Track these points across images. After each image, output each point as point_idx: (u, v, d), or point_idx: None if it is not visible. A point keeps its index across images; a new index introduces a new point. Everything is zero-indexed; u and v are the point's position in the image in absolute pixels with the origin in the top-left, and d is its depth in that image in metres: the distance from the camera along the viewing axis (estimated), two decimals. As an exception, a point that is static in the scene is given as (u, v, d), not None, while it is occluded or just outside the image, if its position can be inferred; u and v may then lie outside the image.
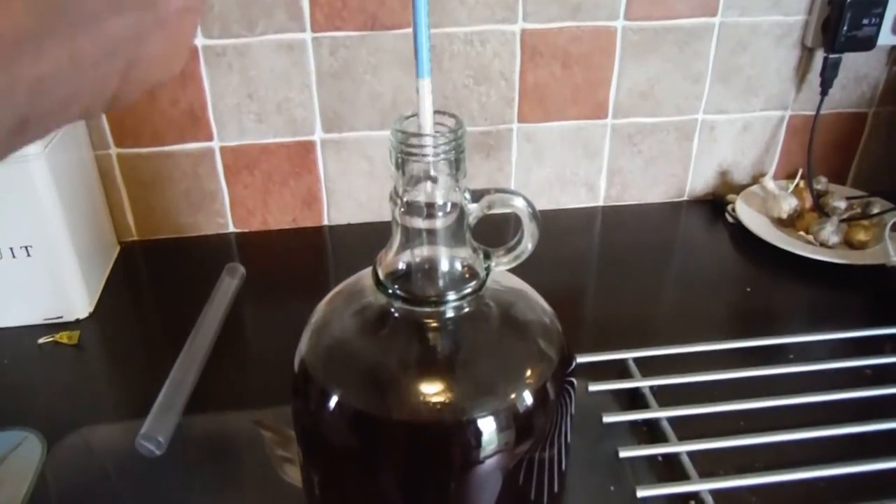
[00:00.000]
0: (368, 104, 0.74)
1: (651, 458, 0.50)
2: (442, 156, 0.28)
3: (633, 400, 0.55)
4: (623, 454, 0.49)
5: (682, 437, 0.50)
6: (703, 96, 0.79)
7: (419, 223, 0.30)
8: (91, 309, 0.66)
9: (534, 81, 0.75)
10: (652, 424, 0.52)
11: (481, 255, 0.32)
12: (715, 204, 0.84)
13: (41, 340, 0.62)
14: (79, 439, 0.52)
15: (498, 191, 0.31)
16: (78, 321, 0.65)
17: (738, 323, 0.67)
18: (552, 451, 0.33)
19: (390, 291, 0.31)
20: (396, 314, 0.32)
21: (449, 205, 0.30)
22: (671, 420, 0.52)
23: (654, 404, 0.54)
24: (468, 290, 0.31)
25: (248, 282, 0.69)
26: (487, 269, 0.32)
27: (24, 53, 0.18)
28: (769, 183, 0.80)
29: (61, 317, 0.65)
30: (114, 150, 0.73)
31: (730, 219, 0.81)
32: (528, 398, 0.31)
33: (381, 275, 0.32)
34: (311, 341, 0.34)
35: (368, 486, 0.32)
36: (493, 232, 0.34)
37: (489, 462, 0.30)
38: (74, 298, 0.65)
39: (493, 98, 0.76)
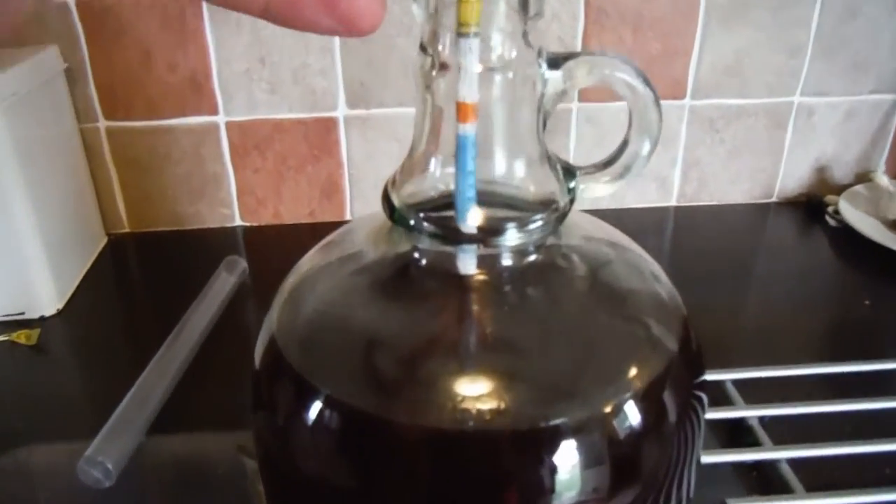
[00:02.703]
0: (400, 74, 0.63)
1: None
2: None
3: (737, 434, 0.42)
4: (735, 508, 0.36)
5: (810, 488, 0.37)
6: (800, 74, 0.66)
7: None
8: (60, 306, 0.55)
9: (599, 50, 0.63)
10: (765, 468, 0.39)
11: (560, 170, 0.20)
12: (809, 206, 0.70)
13: (-6, 339, 0.51)
14: (10, 462, 0.40)
15: (590, 53, 0.18)
16: (42, 319, 0.54)
17: (853, 343, 0.53)
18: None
19: (413, 223, 0.19)
20: (422, 261, 0.19)
21: (512, 69, 0.18)
22: (791, 462, 0.38)
23: (766, 441, 0.40)
24: (538, 225, 0.19)
25: (255, 284, 0.57)
26: (572, 195, 0.20)
27: None
28: (882, 178, 0.66)
29: (23, 313, 0.54)
30: (102, 123, 0.63)
31: (832, 222, 0.67)
32: (632, 414, 0.18)
33: (396, 201, 0.19)
34: (285, 315, 0.21)
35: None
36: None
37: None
38: (40, 293, 0.54)
39: (548, 71, 0.64)
